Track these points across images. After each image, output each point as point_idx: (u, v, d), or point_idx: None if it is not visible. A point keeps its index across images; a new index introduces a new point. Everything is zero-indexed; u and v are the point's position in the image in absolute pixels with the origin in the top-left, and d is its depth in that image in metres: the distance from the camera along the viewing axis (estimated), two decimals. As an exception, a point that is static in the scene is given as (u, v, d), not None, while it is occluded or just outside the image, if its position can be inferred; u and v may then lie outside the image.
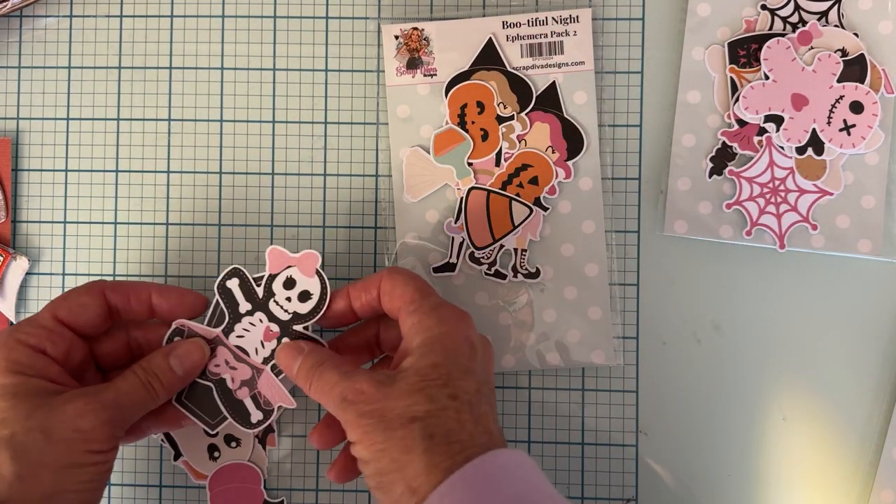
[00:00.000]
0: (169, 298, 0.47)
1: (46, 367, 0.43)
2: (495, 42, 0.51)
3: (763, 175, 0.51)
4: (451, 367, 0.41)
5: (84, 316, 0.45)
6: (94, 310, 0.45)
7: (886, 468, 0.50)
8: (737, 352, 0.52)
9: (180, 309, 0.47)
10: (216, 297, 0.47)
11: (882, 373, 0.51)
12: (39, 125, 0.54)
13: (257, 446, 0.52)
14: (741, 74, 0.51)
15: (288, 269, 0.47)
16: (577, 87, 0.52)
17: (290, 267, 0.47)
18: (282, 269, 0.47)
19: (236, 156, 0.53)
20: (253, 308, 0.47)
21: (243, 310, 0.47)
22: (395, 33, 0.52)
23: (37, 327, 0.44)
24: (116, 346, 0.47)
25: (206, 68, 0.53)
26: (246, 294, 0.47)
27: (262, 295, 0.47)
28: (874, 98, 0.50)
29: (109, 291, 0.46)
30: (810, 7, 0.51)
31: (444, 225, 0.52)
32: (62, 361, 0.44)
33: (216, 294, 0.47)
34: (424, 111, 0.52)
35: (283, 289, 0.47)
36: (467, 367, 0.42)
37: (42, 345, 0.44)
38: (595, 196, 0.51)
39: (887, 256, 0.51)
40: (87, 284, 0.46)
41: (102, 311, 0.46)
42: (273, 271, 0.47)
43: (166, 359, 0.46)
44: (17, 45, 0.54)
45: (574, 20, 0.51)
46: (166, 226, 0.53)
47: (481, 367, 0.43)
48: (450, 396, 0.40)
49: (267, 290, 0.47)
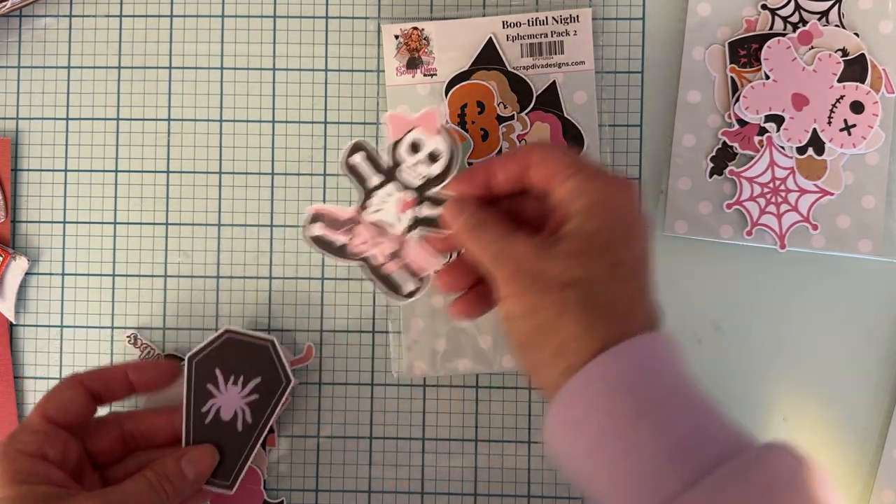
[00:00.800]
0: (145, 373, 0.48)
1: (49, 472, 0.43)
2: (495, 42, 0.51)
3: (763, 175, 0.51)
4: (614, 234, 0.40)
5: (72, 410, 0.46)
6: (79, 401, 0.46)
7: (886, 468, 0.50)
8: (737, 352, 0.52)
9: (158, 379, 0.48)
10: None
11: (882, 373, 0.51)
12: (39, 125, 0.54)
13: (259, 448, 0.52)
14: (741, 74, 0.51)
15: (410, 132, 0.45)
16: (577, 86, 0.51)
17: (412, 130, 0.45)
18: (404, 134, 0.45)
19: (236, 156, 0.53)
20: (384, 180, 0.46)
21: (374, 183, 0.46)
22: (395, 33, 0.52)
23: (33, 433, 0.44)
24: (110, 440, 0.47)
25: (206, 68, 0.53)
26: (374, 167, 0.46)
27: (390, 165, 0.45)
28: (874, 98, 0.50)
29: (88, 381, 0.47)
30: (810, 7, 0.51)
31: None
32: (61, 464, 0.44)
33: (345, 171, 0.46)
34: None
35: (409, 154, 0.45)
36: (630, 235, 0.40)
37: (42, 450, 0.44)
38: None
39: (887, 256, 0.51)
40: (65, 381, 0.47)
41: (87, 400, 0.46)
42: (396, 137, 0.45)
43: (178, 463, 0.46)
44: (17, 45, 0.54)
45: (574, 20, 0.51)
46: (166, 226, 0.53)
47: (644, 238, 0.41)
48: (610, 265, 0.39)
49: (394, 159, 0.45)
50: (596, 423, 0.37)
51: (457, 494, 0.52)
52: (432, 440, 0.53)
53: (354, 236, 0.46)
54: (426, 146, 0.45)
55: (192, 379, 0.48)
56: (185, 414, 0.48)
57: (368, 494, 0.53)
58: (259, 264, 0.53)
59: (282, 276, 0.53)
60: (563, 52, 0.51)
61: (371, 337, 0.53)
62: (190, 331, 0.53)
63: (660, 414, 0.36)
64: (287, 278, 0.53)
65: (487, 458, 0.52)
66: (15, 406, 0.53)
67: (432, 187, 0.45)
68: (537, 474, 0.52)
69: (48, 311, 0.54)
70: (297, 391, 0.53)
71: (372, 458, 0.53)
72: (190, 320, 0.53)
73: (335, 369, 0.53)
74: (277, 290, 0.53)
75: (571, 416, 0.38)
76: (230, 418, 0.48)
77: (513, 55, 0.52)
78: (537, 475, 0.52)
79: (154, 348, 0.53)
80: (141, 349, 0.53)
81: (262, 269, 0.53)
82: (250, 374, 0.48)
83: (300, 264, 0.53)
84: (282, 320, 0.53)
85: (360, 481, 0.53)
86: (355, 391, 0.53)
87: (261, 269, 0.53)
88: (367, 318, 0.53)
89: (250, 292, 0.53)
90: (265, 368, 0.48)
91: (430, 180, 0.45)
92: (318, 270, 0.53)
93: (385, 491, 0.53)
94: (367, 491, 0.53)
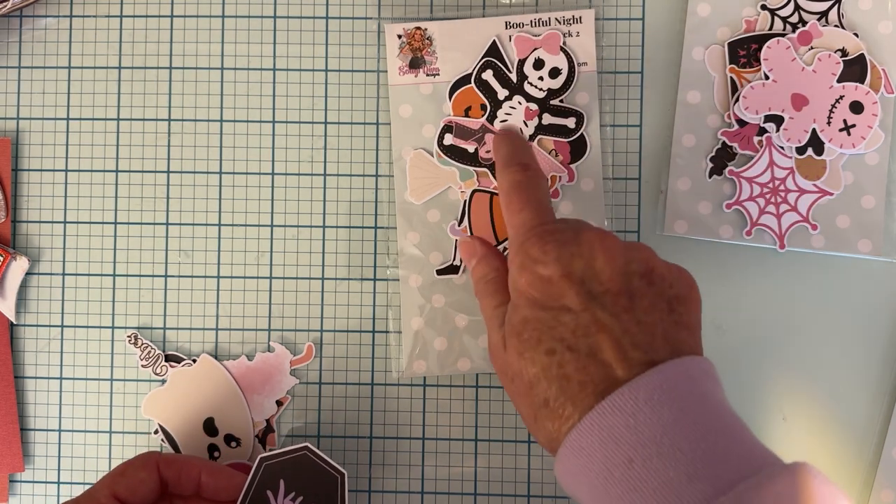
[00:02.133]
0: (218, 479, 0.46)
1: None
2: (499, 44, 0.51)
3: (763, 175, 0.51)
4: (539, 321, 0.40)
5: (141, 492, 0.45)
6: (150, 485, 0.45)
7: (886, 468, 0.51)
8: (737, 352, 0.52)
9: (227, 491, 0.46)
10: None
11: (882, 373, 0.52)
12: (39, 125, 0.54)
13: (257, 446, 0.52)
14: (741, 74, 0.51)
15: (535, 51, 0.50)
16: (579, 87, 0.51)
17: (536, 49, 0.50)
18: (529, 53, 0.50)
19: (236, 156, 0.53)
20: (510, 93, 0.51)
21: (502, 96, 0.51)
22: (398, 32, 0.52)
23: None
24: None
25: (206, 68, 0.53)
26: (501, 81, 0.51)
27: (516, 80, 0.51)
28: (874, 98, 0.50)
29: (164, 467, 0.46)
30: (810, 7, 0.51)
31: (447, 228, 0.52)
32: None
33: (476, 86, 0.50)
34: (427, 111, 0.52)
35: (533, 70, 0.51)
36: (553, 318, 0.39)
37: None
38: (597, 196, 0.51)
39: (887, 256, 0.51)
40: (141, 458, 0.46)
41: (157, 485, 0.45)
42: (521, 56, 0.50)
43: None
44: (17, 45, 0.54)
45: (577, 21, 0.51)
46: (166, 226, 0.53)
47: (574, 302, 0.39)
48: (548, 352, 0.39)
49: (519, 74, 0.51)
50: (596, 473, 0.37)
51: (457, 494, 0.52)
52: (432, 440, 0.53)
53: (483, 144, 0.50)
54: (548, 63, 0.51)
55: (256, 480, 0.47)
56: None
57: (368, 494, 0.53)
58: (259, 264, 0.53)
59: (282, 276, 0.53)
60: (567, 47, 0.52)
61: (371, 337, 0.53)
62: (190, 331, 0.53)
63: (670, 446, 0.36)
64: (287, 278, 0.53)
65: (487, 458, 0.52)
66: (15, 406, 0.53)
67: (554, 98, 0.51)
68: (537, 474, 0.52)
69: (48, 311, 0.54)
70: (297, 391, 0.53)
71: (372, 458, 0.53)
72: (190, 320, 0.53)
73: (335, 369, 0.53)
74: (277, 290, 0.53)
75: (574, 466, 0.38)
76: None
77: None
78: (537, 475, 0.52)
79: (154, 348, 0.53)
80: (141, 349, 0.53)
81: (262, 269, 0.53)
82: (310, 498, 0.47)
83: (300, 264, 0.53)
84: (282, 320, 0.53)
85: (361, 481, 0.53)
86: (355, 391, 0.53)
87: (261, 269, 0.53)
88: (367, 318, 0.53)
89: (250, 292, 0.53)
90: (325, 498, 0.48)
91: (551, 92, 0.51)
92: (318, 270, 0.53)
93: (385, 491, 0.53)
94: (368, 491, 0.53)
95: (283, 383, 0.52)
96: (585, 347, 0.38)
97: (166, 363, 0.53)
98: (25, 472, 0.53)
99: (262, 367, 0.52)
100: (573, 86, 0.51)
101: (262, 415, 0.52)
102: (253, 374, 0.52)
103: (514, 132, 0.49)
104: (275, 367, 0.52)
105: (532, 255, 0.41)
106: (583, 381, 0.38)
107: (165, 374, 0.52)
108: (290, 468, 0.47)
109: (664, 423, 0.36)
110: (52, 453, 0.53)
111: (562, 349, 0.39)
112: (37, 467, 0.53)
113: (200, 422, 0.52)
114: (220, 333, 0.53)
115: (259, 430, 0.52)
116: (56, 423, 0.53)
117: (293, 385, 0.53)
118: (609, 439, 0.36)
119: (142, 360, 0.53)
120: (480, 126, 0.51)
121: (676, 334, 0.39)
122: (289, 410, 0.53)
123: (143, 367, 0.53)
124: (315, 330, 0.53)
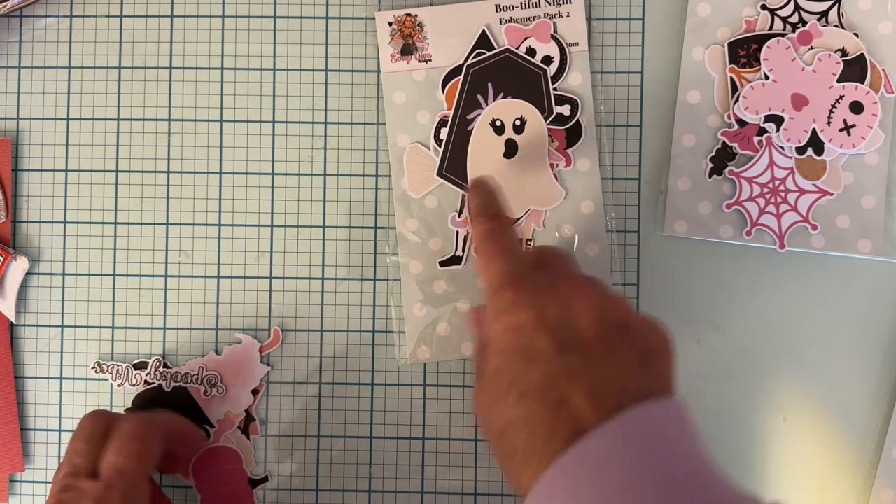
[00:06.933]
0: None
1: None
2: (489, 34, 0.51)
3: (763, 175, 0.51)
4: (513, 371, 0.39)
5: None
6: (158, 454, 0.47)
7: (886, 468, 0.51)
8: (737, 352, 0.52)
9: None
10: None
11: (882, 373, 0.52)
12: (39, 125, 0.54)
13: (241, 436, 0.52)
14: (741, 74, 0.51)
15: (525, 40, 0.50)
16: (573, 69, 0.52)
17: (527, 38, 0.50)
18: (520, 43, 0.50)
19: (236, 156, 0.53)
20: None
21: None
22: (389, 20, 0.52)
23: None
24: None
25: (206, 68, 0.53)
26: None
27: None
28: (874, 98, 0.50)
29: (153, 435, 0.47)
30: (810, 7, 0.51)
31: (447, 219, 0.52)
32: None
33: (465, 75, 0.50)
34: (420, 98, 0.52)
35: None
36: (525, 371, 0.39)
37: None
38: (593, 175, 0.52)
39: (887, 256, 0.51)
40: (137, 430, 0.47)
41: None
42: (513, 45, 0.50)
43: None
44: (17, 45, 0.54)
45: (567, 1, 0.51)
46: (166, 226, 0.53)
47: (549, 356, 0.39)
48: (518, 397, 0.38)
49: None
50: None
51: (457, 494, 0.52)
52: (432, 440, 0.53)
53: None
54: (540, 52, 0.51)
55: (466, 87, 0.50)
56: (452, 118, 0.51)
57: (368, 494, 0.53)
58: (259, 264, 0.53)
59: (282, 276, 0.53)
60: (557, 34, 0.52)
61: (371, 337, 0.53)
62: (190, 331, 0.53)
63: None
64: (287, 278, 0.53)
65: (487, 458, 0.52)
66: (15, 406, 0.53)
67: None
68: (537, 474, 0.52)
69: (48, 311, 0.54)
70: (296, 391, 0.53)
71: (372, 458, 0.53)
72: (190, 320, 0.53)
73: (335, 369, 0.53)
74: (277, 290, 0.53)
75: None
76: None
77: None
78: (537, 475, 0.52)
79: (119, 364, 0.53)
80: (109, 371, 0.52)
81: (262, 269, 0.53)
82: (517, 95, 0.51)
83: (300, 264, 0.53)
84: (282, 320, 0.53)
85: (360, 481, 0.53)
86: (355, 391, 0.53)
87: (261, 269, 0.53)
88: (367, 318, 0.53)
89: (250, 292, 0.53)
90: (532, 91, 0.51)
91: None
92: (318, 270, 0.53)
93: (385, 491, 0.53)
94: (367, 491, 0.53)
95: (255, 372, 0.52)
96: (556, 396, 0.38)
97: (136, 371, 0.53)
98: (25, 472, 0.53)
99: (233, 359, 0.52)
100: (566, 71, 0.51)
101: (240, 406, 0.52)
102: (224, 368, 0.52)
103: (484, 182, 0.47)
104: (244, 357, 0.52)
105: (506, 301, 0.41)
106: (552, 430, 0.37)
107: (139, 382, 0.52)
108: (495, 70, 0.51)
109: (630, 472, 0.35)
110: (52, 453, 0.53)
111: (532, 398, 0.38)
112: (37, 467, 0.54)
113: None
114: (220, 333, 0.53)
115: (240, 420, 0.52)
116: (56, 423, 0.53)
117: (266, 373, 0.52)
118: (574, 489, 0.36)
119: (115, 381, 0.53)
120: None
121: (649, 385, 0.39)
122: (289, 410, 0.53)
123: (118, 385, 0.53)
124: (315, 330, 0.53)
